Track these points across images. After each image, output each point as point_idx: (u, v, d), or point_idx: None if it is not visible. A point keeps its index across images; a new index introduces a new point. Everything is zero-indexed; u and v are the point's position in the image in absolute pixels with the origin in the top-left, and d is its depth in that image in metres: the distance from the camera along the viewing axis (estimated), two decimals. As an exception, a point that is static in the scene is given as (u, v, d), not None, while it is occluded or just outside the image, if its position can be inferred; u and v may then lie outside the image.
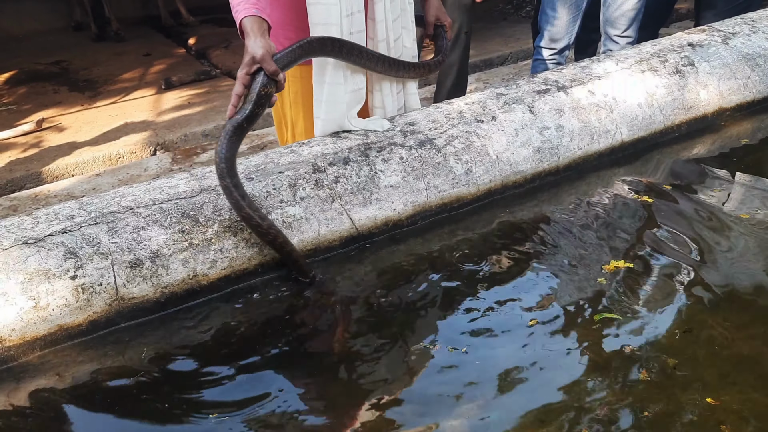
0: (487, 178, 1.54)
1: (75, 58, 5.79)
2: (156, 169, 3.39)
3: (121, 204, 1.33)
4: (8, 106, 4.56)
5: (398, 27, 1.64)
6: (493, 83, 4.23)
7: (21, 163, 3.55)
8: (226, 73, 5.01)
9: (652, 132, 1.72)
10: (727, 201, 1.52)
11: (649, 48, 1.87)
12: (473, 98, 1.68)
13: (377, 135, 1.53)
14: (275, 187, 1.37)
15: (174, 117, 4.09)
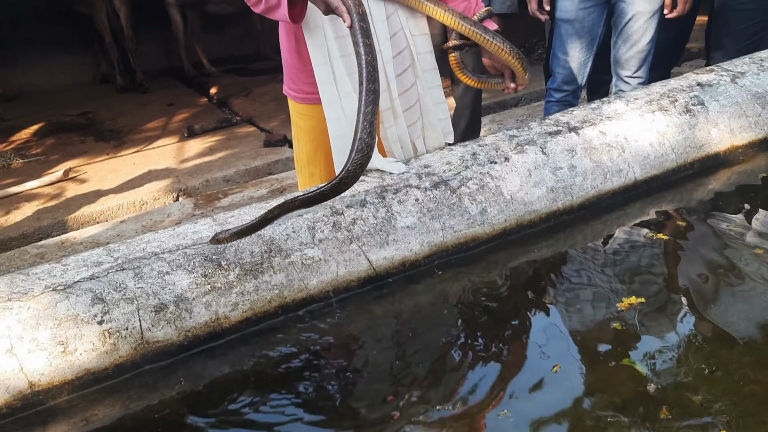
0: (502, 218, 1.57)
1: (101, 109, 5.98)
2: (178, 215, 3.47)
3: (147, 250, 1.37)
4: (36, 157, 4.71)
5: (409, 75, 1.70)
6: (507, 124, 4.29)
7: (48, 211, 3.65)
8: (246, 120, 5.13)
9: (664, 170, 1.74)
10: (743, 237, 1.52)
11: (659, 88, 1.91)
12: (486, 140, 1.72)
13: (393, 177, 1.58)
14: (294, 230, 1.41)
15: (196, 164, 4.20)
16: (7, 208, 3.74)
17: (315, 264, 1.39)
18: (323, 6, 1.43)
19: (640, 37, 2.60)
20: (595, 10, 2.65)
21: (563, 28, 2.73)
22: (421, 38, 1.71)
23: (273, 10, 1.55)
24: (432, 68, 1.75)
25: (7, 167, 4.54)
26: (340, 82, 1.63)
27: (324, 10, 1.44)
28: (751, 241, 1.50)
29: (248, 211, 1.49)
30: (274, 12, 1.55)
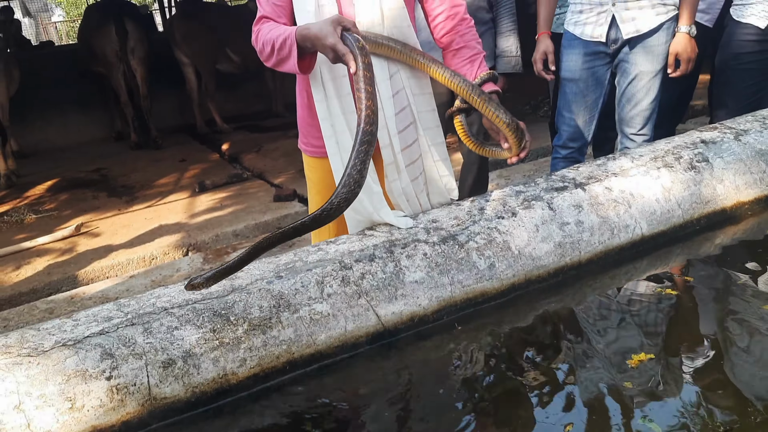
0: (510, 273, 1.57)
1: (114, 165, 6.10)
2: (188, 270, 3.48)
3: (157, 305, 1.38)
4: (49, 212, 4.77)
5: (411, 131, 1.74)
6: (514, 180, 4.33)
7: (59, 266, 3.68)
8: (257, 176, 5.21)
9: (671, 226, 1.75)
10: (752, 293, 1.52)
11: (664, 145, 1.93)
12: (493, 195, 1.74)
13: (401, 232, 1.59)
14: (303, 284, 1.42)
15: (206, 218, 4.24)
16: (19, 263, 3.77)
17: (323, 319, 1.39)
18: (331, 54, 1.47)
19: (643, 96, 2.65)
20: (599, 69, 2.71)
21: (568, 86, 2.79)
22: (422, 97, 1.76)
23: (284, 62, 1.60)
24: (434, 126, 1.78)
25: (20, 222, 4.61)
26: (340, 137, 1.67)
27: (332, 58, 1.48)
28: (761, 298, 1.50)
29: (256, 265, 1.50)
30: (285, 63, 1.60)
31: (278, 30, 1.60)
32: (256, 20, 1.69)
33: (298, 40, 1.52)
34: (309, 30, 1.50)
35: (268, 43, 1.59)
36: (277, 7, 1.68)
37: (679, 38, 2.56)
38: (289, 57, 1.55)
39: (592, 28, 2.65)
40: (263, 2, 1.70)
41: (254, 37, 1.67)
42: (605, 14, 2.60)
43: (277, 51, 1.58)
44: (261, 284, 1.41)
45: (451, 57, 1.80)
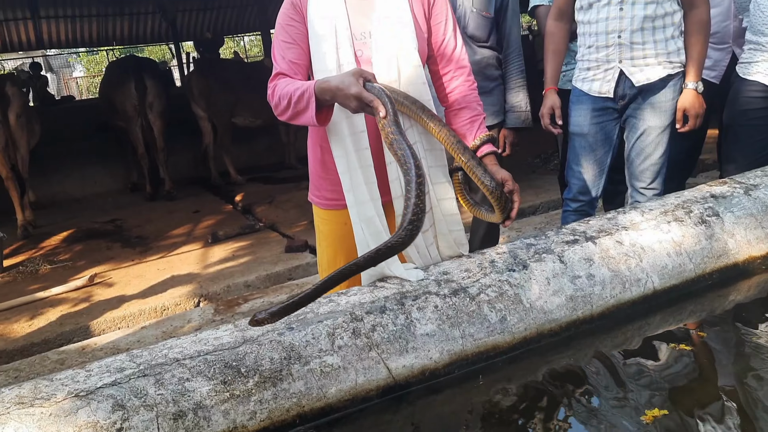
0: (522, 327, 1.57)
1: (129, 216, 6.18)
2: (199, 321, 3.49)
3: (169, 356, 1.38)
4: (64, 262, 4.82)
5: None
6: (525, 232, 4.34)
7: (71, 317, 3.69)
8: (269, 227, 5.25)
9: (684, 280, 1.74)
10: (766, 348, 1.50)
11: (674, 199, 1.95)
12: (504, 248, 1.75)
13: (412, 284, 1.60)
14: (314, 336, 1.42)
15: (218, 269, 4.27)
16: (32, 313, 3.79)
17: (334, 372, 1.39)
18: (355, 102, 1.50)
19: (652, 150, 2.68)
20: (608, 124, 2.75)
21: (576, 141, 2.83)
22: (433, 153, 1.80)
23: (300, 114, 1.64)
24: (444, 181, 1.81)
25: (35, 273, 4.65)
26: (357, 190, 1.71)
27: (356, 107, 1.51)
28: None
29: (269, 317, 1.51)
30: (301, 115, 1.64)
31: (295, 84, 1.65)
32: (272, 77, 1.75)
33: (317, 92, 1.56)
34: (329, 82, 1.54)
35: (285, 97, 1.64)
36: (294, 65, 1.74)
37: (687, 94, 2.60)
38: (307, 109, 1.59)
39: (599, 84, 2.70)
40: (279, 60, 1.76)
41: (270, 92, 1.73)
42: (612, 71, 2.66)
43: (294, 104, 1.62)
44: (272, 335, 1.42)
45: (453, 116, 1.85)
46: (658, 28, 2.56)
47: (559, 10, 2.82)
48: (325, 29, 1.72)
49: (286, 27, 1.76)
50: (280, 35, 1.77)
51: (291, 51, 1.75)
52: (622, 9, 2.56)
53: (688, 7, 2.59)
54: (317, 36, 1.73)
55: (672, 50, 2.59)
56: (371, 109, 1.49)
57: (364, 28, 1.74)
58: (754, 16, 2.72)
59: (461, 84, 1.84)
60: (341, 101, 1.54)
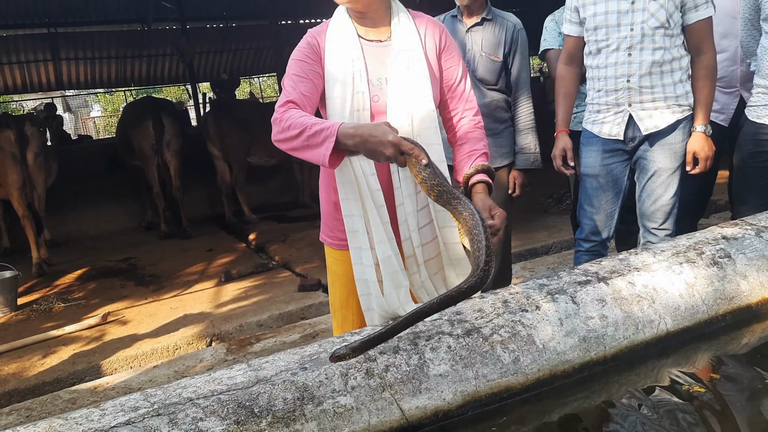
0: (535, 368, 1.56)
1: (143, 254, 6.24)
2: (211, 360, 3.49)
3: (183, 395, 1.39)
4: (78, 301, 4.86)
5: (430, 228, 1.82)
6: (538, 272, 4.33)
7: (84, 355, 3.71)
8: (282, 265, 5.28)
9: (696, 322, 1.74)
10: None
11: (685, 241, 1.95)
12: (517, 288, 1.76)
13: (425, 323, 1.60)
14: (327, 376, 1.43)
15: (231, 308, 4.28)
16: (45, 351, 3.81)
17: (347, 412, 1.39)
18: (391, 150, 1.52)
19: (663, 191, 2.70)
20: (618, 166, 2.78)
21: (588, 182, 2.85)
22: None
23: (311, 149, 1.61)
24: (450, 225, 1.84)
25: (49, 311, 4.69)
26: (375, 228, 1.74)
27: (391, 154, 1.53)
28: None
29: (282, 355, 1.52)
30: (311, 150, 1.61)
31: (311, 118, 1.64)
32: (281, 102, 1.73)
33: (340, 135, 1.55)
34: (359, 129, 1.55)
35: (297, 126, 1.61)
36: (305, 97, 1.75)
37: (696, 137, 2.63)
38: (321, 146, 1.58)
39: (609, 126, 2.74)
40: (290, 90, 1.75)
41: (278, 116, 1.69)
42: (622, 114, 2.69)
43: (308, 136, 1.59)
44: (286, 375, 1.42)
45: (456, 151, 1.91)
46: (666, 72, 2.61)
47: (569, 54, 2.89)
48: (343, 73, 1.76)
49: (300, 62, 1.78)
50: (293, 69, 1.79)
51: (303, 84, 1.76)
52: (630, 54, 2.61)
53: (695, 52, 2.64)
54: (333, 79, 1.77)
55: (680, 94, 2.63)
56: (404, 159, 1.54)
57: (379, 74, 1.79)
58: (762, 61, 2.76)
59: (467, 122, 1.90)
60: (373, 148, 1.54)
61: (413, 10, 1.88)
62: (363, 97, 1.75)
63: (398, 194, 1.79)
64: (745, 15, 2.89)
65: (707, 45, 2.62)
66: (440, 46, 1.87)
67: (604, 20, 2.64)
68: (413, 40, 1.80)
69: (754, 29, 2.87)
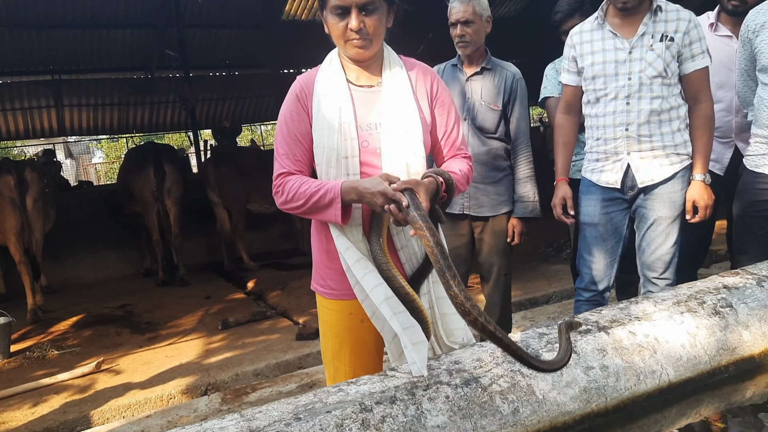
0: (535, 419, 1.52)
1: (140, 302, 6.18)
2: (205, 410, 3.41)
3: (173, 446, 1.36)
4: (72, 348, 4.79)
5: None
6: (539, 321, 4.28)
7: (75, 404, 3.63)
8: (280, 314, 5.23)
9: (699, 373, 1.70)
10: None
11: (686, 290, 1.94)
12: (516, 337, 1.73)
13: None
14: (322, 427, 1.39)
15: (227, 356, 4.21)
16: (36, 400, 3.74)
17: (342, 465, 1.34)
18: (381, 199, 1.61)
19: (663, 240, 2.69)
20: (618, 215, 2.78)
21: (588, 231, 2.85)
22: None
23: (320, 211, 1.72)
24: (444, 297, 1.83)
25: (42, 358, 4.61)
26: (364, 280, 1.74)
27: (382, 202, 1.61)
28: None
29: (275, 405, 1.48)
30: (321, 213, 1.72)
31: (311, 183, 1.73)
32: (278, 172, 1.81)
33: (343, 192, 1.67)
34: (356, 184, 1.67)
35: (302, 196, 1.73)
36: (300, 163, 1.81)
37: (695, 186, 2.64)
38: (330, 208, 1.70)
39: (608, 175, 2.75)
40: (284, 161, 1.81)
41: (279, 187, 1.79)
42: (620, 162, 2.71)
43: (314, 202, 1.71)
44: (279, 426, 1.39)
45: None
46: (664, 121, 2.63)
47: (568, 104, 2.92)
48: (330, 120, 1.77)
49: (289, 123, 1.82)
50: (284, 130, 1.82)
51: (297, 148, 1.81)
52: (628, 103, 2.64)
53: (693, 102, 2.67)
54: (321, 128, 1.78)
55: (678, 143, 2.65)
56: (395, 206, 1.60)
57: (369, 120, 1.81)
58: (759, 111, 2.80)
59: (458, 160, 1.93)
60: (368, 200, 1.65)
61: (405, 57, 1.92)
62: (352, 143, 1.77)
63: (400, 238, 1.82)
64: (741, 66, 2.94)
65: (704, 94, 2.66)
66: (432, 92, 1.89)
67: (602, 69, 2.68)
68: (405, 85, 1.83)
69: (750, 80, 2.91)
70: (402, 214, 1.60)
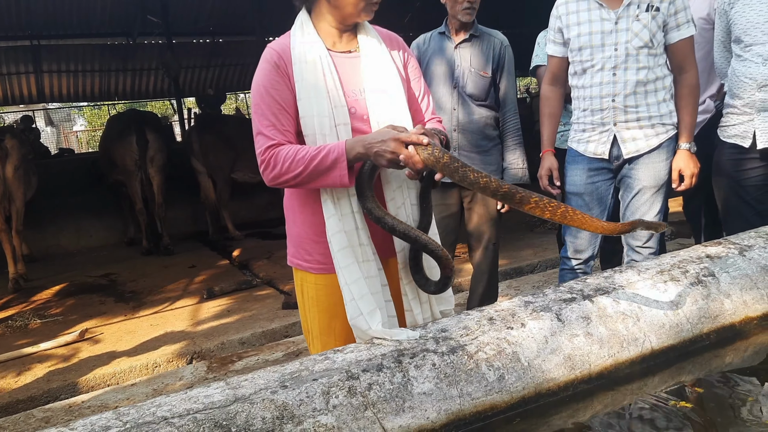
0: (520, 386, 1.54)
1: (124, 270, 6.15)
2: (191, 378, 3.42)
3: (157, 414, 1.35)
4: (55, 317, 4.76)
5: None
6: (524, 290, 4.32)
7: (59, 373, 3.62)
8: (266, 282, 5.22)
9: (681, 340, 1.73)
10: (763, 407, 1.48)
11: (669, 259, 1.95)
12: (502, 306, 1.74)
13: (410, 341, 1.58)
14: (308, 395, 1.39)
15: (213, 325, 4.22)
16: (20, 368, 3.72)
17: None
18: (394, 144, 1.59)
19: (647, 210, 2.71)
20: (603, 184, 2.79)
21: (573, 200, 2.86)
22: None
23: (323, 175, 1.66)
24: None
25: (24, 327, 4.59)
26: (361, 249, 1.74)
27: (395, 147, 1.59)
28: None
29: (261, 373, 1.48)
30: (324, 177, 1.66)
31: (310, 150, 1.66)
32: (266, 147, 1.71)
33: (348, 150, 1.63)
34: (364, 137, 1.64)
35: (301, 162, 1.65)
36: (289, 133, 1.74)
37: (681, 155, 2.66)
38: (333, 170, 1.63)
39: (594, 145, 2.75)
40: (271, 132, 1.71)
41: (271, 160, 1.69)
42: (607, 133, 2.71)
43: (314, 167, 1.64)
44: (265, 394, 1.39)
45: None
46: (650, 92, 2.63)
47: (553, 75, 2.91)
48: (318, 88, 1.73)
49: (272, 91, 1.73)
50: (266, 99, 1.73)
51: (284, 117, 1.73)
52: (615, 74, 2.63)
53: (678, 71, 2.67)
54: (308, 96, 1.72)
55: (664, 113, 2.65)
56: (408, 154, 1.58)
57: (353, 85, 1.78)
58: (732, 82, 2.84)
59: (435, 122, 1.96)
60: (378, 149, 1.60)
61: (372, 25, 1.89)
62: (342, 110, 1.73)
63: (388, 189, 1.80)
64: (717, 37, 2.97)
65: (689, 64, 2.66)
66: (404, 58, 1.91)
67: (589, 41, 2.66)
68: (383, 50, 1.83)
69: (726, 51, 2.95)
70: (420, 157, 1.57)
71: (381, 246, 1.80)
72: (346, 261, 1.72)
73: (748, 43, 2.74)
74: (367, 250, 1.75)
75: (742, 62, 2.78)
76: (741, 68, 2.78)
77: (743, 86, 2.76)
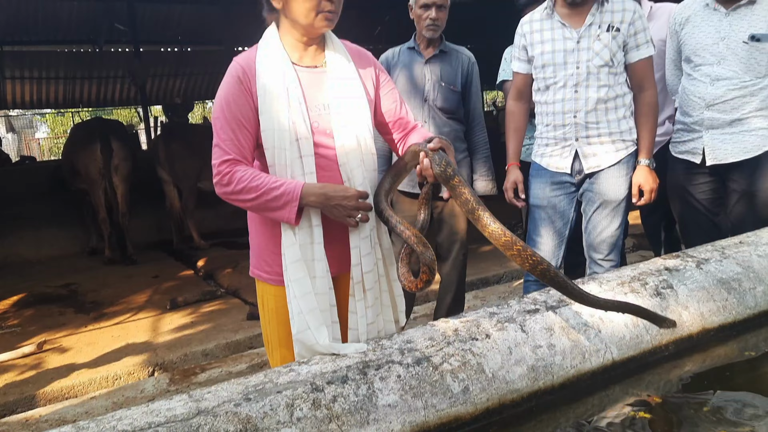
0: (484, 397, 1.55)
1: (85, 280, 6.01)
2: (152, 391, 3.36)
3: (117, 428, 1.32)
4: (12, 328, 4.63)
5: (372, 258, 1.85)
6: (490, 300, 4.36)
7: (16, 386, 3.52)
8: (231, 293, 5.16)
9: (641, 351, 1.77)
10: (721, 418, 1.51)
11: (629, 271, 2.00)
12: (467, 317, 1.75)
13: (376, 353, 1.58)
14: (272, 407, 1.39)
15: (176, 337, 4.14)
16: (-25, 381, 3.61)
17: (292, 444, 1.34)
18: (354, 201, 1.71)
19: (608, 223, 2.77)
20: (565, 198, 2.85)
21: (536, 213, 2.91)
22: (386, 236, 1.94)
23: (272, 211, 1.72)
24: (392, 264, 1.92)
25: (-19, 338, 4.45)
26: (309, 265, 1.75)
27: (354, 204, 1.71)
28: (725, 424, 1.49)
29: (225, 386, 1.47)
30: (273, 212, 1.72)
31: (266, 180, 1.69)
32: (223, 161, 1.72)
33: (303, 195, 1.68)
34: (325, 188, 1.70)
35: (254, 190, 1.69)
36: (245, 150, 1.75)
37: (641, 170, 2.73)
38: (283, 209, 1.69)
39: (557, 160, 2.81)
40: (228, 147, 1.72)
41: (226, 176, 1.71)
42: (569, 148, 2.77)
43: (266, 201, 1.69)
44: (228, 407, 1.38)
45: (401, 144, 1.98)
46: (610, 108, 2.70)
47: (518, 91, 2.97)
48: (279, 102, 1.73)
49: (232, 106, 1.73)
50: (226, 114, 1.73)
51: (241, 134, 1.73)
52: (576, 91, 2.70)
53: (638, 89, 2.75)
54: (269, 110, 1.73)
55: (624, 129, 2.73)
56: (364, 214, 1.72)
57: (318, 100, 1.79)
58: (682, 99, 2.96)
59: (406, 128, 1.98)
60: (337, 202, 1.69)
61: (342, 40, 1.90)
62: (303, 123, 1.73)
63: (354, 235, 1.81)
64: (669, 56, 3.12)
65: (648, 82, 2.73)
66: (375, 73, 1.92)
67: (552, 59, 2.73)
68: (350, 66, 1.84)
69: (677, 69, 3.10)
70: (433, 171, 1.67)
71: (338, 259, 1.80)
72: (297, 275, 1.73)
73: (698, 63, 2.85)
74: (320, 265, 1.75)
75: (691, 81, 2.89)
76: (690, 87, 2.90)
77: (692, 105, 2.88)
